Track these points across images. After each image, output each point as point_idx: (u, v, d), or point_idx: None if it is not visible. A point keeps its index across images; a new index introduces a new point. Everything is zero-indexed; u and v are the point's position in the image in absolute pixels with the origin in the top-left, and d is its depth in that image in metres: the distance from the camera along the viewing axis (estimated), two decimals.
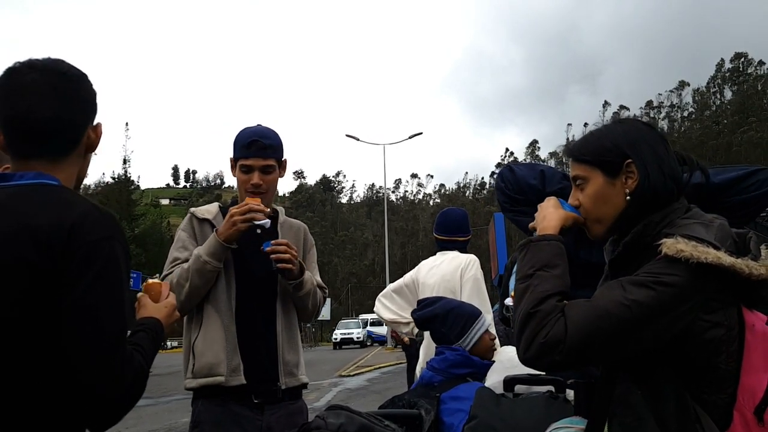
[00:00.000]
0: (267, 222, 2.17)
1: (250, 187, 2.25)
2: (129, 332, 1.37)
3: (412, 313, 2.62)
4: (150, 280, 1.53)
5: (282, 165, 2.35)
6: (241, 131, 2.33)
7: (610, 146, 1.43)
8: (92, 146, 1.35)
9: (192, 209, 2.37)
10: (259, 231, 2.21)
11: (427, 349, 3.39)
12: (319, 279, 2.42)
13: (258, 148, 2.24)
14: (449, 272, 3.45)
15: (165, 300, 1.48)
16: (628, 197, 1.40)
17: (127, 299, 1.21)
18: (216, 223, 2.26)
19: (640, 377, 1.29)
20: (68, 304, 1.11)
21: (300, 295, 2.27)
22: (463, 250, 3.59)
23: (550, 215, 1.45)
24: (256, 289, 2.24)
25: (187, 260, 2.19)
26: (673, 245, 1.22)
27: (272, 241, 2.17)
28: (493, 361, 2.50)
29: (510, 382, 2.16)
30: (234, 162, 2.31)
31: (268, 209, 2.20)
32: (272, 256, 2.14)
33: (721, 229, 1.28)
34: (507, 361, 2.62)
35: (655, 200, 1.37)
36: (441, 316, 2.49)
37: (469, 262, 3.44)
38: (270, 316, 2.24)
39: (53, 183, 1.23)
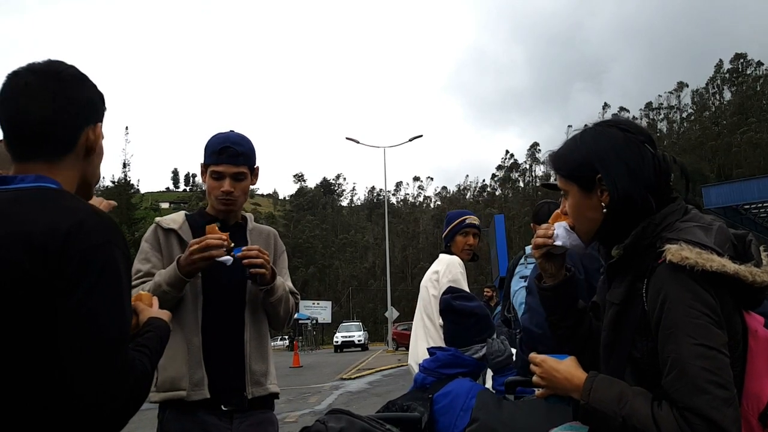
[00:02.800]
0: (229, 259, 2.08)
1: (221, 195, 2.22)
2: (138, 332, 1.35)
3: (449, 298, 2.52)
4: (141, 292, 1.52)
5: (254, 172, 2.31)
6: (212, 137, 2.28)
7: (581, 161, 1.43)
8: (91, 148, 1.30)
9: (157, 219, 2.32)
10: (229, 263, 2.10)
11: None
12: (290, 285, 2.38)
13: (230, 155, 2.20)
14: (431, 272, 3.53)
15: (161, 310, 1.46)
16: (605, 210, 1.40)
17: (128, 305, 1.18)
18: (182, 233, 2.22)
19: (644, 383, 1.28)
20: (65, 311, 1.08)
21: (271, 301, 2.22)
22: (447, 248, 3.61)
23: (564, 376, 1.38)
24: (225, 298, 2.19)
25: (148, 273, 2.15)
26: (677, 252, 1.21)
27: (243, 247, 2.12)
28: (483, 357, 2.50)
29: (511, 384, 2.16)
30: (204, 168, 2.28)
31: (229, 242, 2.09)
32: (244, 261, 2.10)
33: (720, 233, 1.27)
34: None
35: (632, 210, 1.36)
36: (478, 316, 2.44)
37: (447, 265, 3.45)
38: (238, 325, 2.19)
39: (53, 186, 1.21)
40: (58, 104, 1.25)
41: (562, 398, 1.43)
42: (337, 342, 39.57)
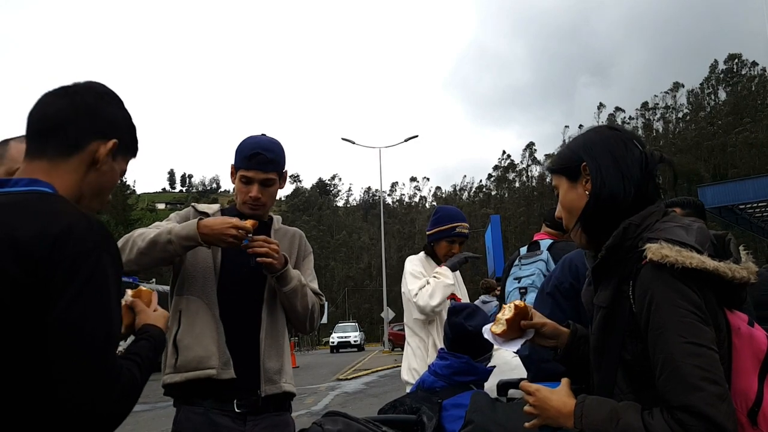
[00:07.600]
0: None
1: (249, 200, 2.23)
2: (130, 339, 1.35)
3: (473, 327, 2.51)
4: (142, 287, 1.49)
5: (282, 177, 2.32)
6: (244, 140, 2.28)
7: (569, 152, 1.51)
8: (97, 160, 1.29)
9: (193, 203, 2.36)
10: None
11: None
12: (315, 286, 2.36)
13: (259, 162, 2.20)
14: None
15: (159, 310, 1.45)
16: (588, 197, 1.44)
17: (116, 311, 1.16)
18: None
19: (635, 384, 1.30)
20: (53, 317, 1.06)
21: (285, 291, 2.18)
22: (431, 246, 3.55)
23: (556, 406, 1.36)
24: (241, 294, 2.18)
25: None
26: (657, 250, 1.24)
27: (250, 236, 2.10)
28: (494, 366, 2.49)
29: (503, 386, 2.16)
30: (234, 170, 2.29)
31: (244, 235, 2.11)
32: (248, 251, 2.09)
33: (700, 232, 1.30)
34: (504, 364, 2.62)
35: (614, 200, 1.39)
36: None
37: (407, 267, 3.50)
38: (253, 322, 2.18)
39: (46, 191, 1.20)
40: (78, 107, 1.29)
41: (554, 429, 1.42)
42: (333, 342, 39.56)
